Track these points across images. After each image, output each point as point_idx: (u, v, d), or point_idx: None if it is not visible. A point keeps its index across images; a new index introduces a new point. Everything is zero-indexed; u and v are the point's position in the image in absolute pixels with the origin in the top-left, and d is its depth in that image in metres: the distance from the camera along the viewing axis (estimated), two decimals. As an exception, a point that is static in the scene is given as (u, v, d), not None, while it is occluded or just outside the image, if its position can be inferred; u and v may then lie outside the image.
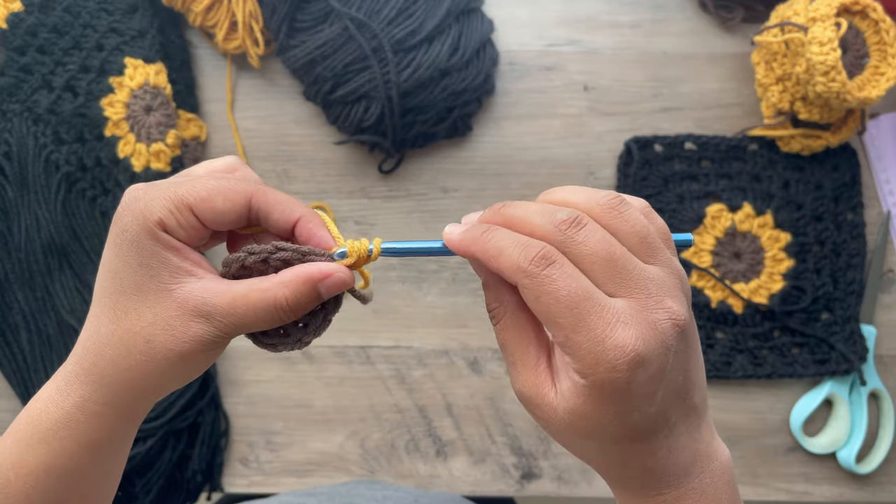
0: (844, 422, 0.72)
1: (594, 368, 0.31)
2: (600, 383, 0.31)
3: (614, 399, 0.31)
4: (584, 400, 0.32)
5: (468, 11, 0.72)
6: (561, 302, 0.31)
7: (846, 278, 0.73)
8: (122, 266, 0.35)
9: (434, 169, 0.75)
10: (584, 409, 0.32)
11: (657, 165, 0.74)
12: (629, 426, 0.32)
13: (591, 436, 0.33)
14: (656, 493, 0.35)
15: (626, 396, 0.31)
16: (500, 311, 0.35)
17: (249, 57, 0.73)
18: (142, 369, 0.35)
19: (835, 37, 0.64)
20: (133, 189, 0.35)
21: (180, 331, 0.34)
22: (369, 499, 0.61)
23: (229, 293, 0.35)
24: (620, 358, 0.30)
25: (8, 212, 0.69)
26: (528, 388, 0.34)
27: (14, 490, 0.36)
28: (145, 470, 0.69)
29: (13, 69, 0.69)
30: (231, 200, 0.35)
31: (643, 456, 0.34)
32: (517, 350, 0.34)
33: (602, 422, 0.32)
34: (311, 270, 0.35)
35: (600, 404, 0.32)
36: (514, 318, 0.35)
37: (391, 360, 0.73)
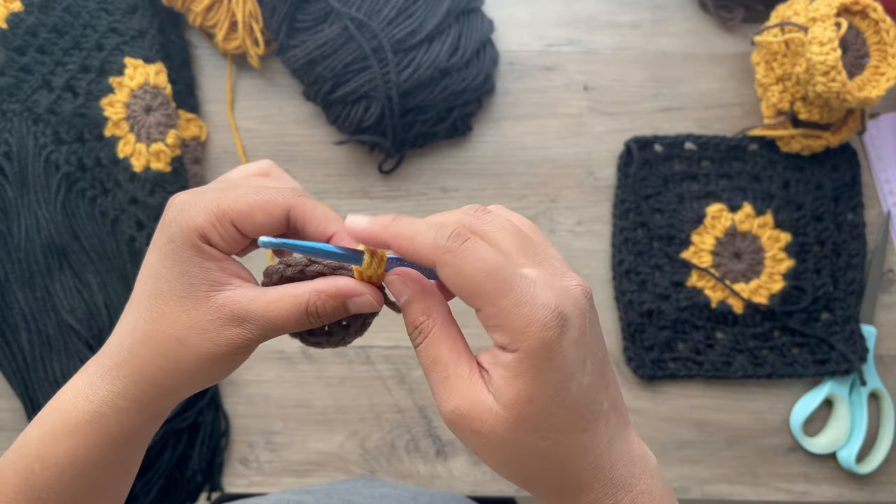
0: (844, 422, 0.72)
1: (525, 331, 0.31)
2: (534, 349, 0.31)
3: (551, 365, 0.31)
4: (523, 379, 0.32)
5: (468, 11, 0.72)
6: (483, 271, 0.31)
7: (846, 278, 0.73)
8: (164, 273, 0.36)
9: (434, 169, 0.75)
10: (525, 392, 0.32)
11: (657, 165, 0.74)
12: (570, 405, 0.32)
13: (538, 427, 0.32)
14: (622, 494, 0.34)
15: (562, 361, 0.32)
16: (429, 323, 0.35)
17: (249, 57, 0.73)
18: (172, 369, 0.36)
19: (835, 37, 0.64)
20: (178, 200, 0.37)
21: (214, 334, 0.36)
22: (367, 496, 0.61)
23: (264, 298, 0.36)
24: (549, 315, 0.31)
25: (8, 212, 0.69)
26: (465, 402, 0.33)
27: (38, 481, 0.37)
28: (145, 470, 0.69)
29: (13, 69, 0.69)
30: (270, 214, 0.37)
31: (592, 448, 0.33)
32: (450, 362, 0.34)
33: (546, 401, 0.32)
34: (342, 286, 0.36)
35: (539, 377, 0.31)
36: (444, 329, 0.35)
37: (391, 360, 0.73)
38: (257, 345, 0.37)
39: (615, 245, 0.74)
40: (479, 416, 0.33)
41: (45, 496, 0.37)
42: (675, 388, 0.73)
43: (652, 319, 0.72)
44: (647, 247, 0.73)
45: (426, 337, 0.35)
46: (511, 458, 0.34)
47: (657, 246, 0.73)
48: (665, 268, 0.73)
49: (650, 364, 0.72)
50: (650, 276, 0.73)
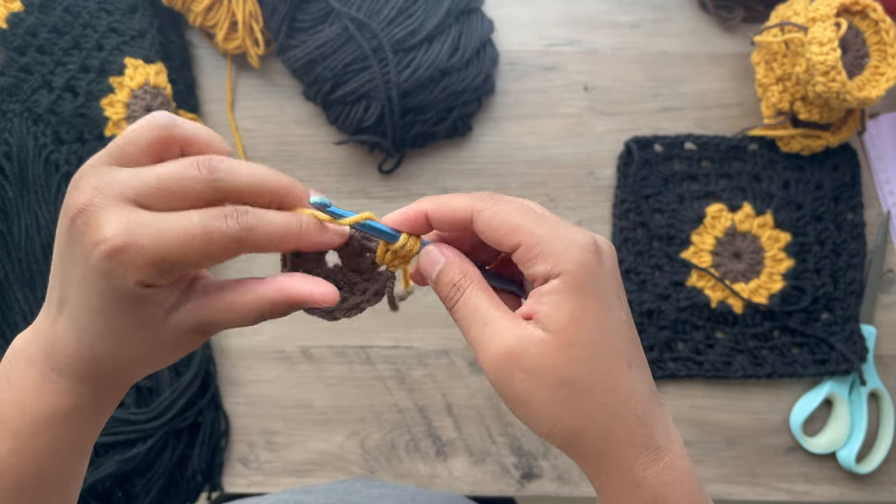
0: (844, 422, 0.72)
1: (568, 253, 0.33)
2: (577, 269, 0.33)
3: (594, 288, 0.33)
4: (571, 300, 0.33)
5: (468, 11, 0.72)
6: (518, 209, 0.34)
7: (846, 278, 0.73)
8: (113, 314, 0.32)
9: (434, 169, 0.75)
10: (575, 312, 0.32)
11: (657, 165, 0.74)
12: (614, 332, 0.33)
13: (588, 352, 0.33)
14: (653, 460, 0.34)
15: (603, 286, 0.33)
16: (466, 280, 0.36)
17: (249, 57, 0.73)
18: (139, 374, 0.36)
19: (835, 37, 0.64)
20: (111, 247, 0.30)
21: (176, 347, 0.34)
22: (366, 496, 0.61)
23: (217, 307, 0.34)
24: (587, 240, 0.34)
25: (8, 212, 0.69)
26: (512, 340, 0.33)
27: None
28: (145, 470, 0.69)
29: (13, 69, 0.69)
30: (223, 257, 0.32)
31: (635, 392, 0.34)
32: (491, 309, 0.35)
33: (593, 324, 0.33)
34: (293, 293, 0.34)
35: (585, 298, 0.33)
36: (480, 283, 0.36)
37: (391, 360, 0.73)
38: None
39: (615, 245, 0.74)
40: (529, 350, 0.33)
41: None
42: (674, 388, 0.73)
43: (652, 319, 0.72)
44: (647, 247, 0.73)
45: (464, 291, 0.36)
46: (563, 399, 0.33)
47: (657, 246, 0.73)
48: (665, 268, 0.73)
49: (650, 364, 0.72)
50: (650, 276, 0.73)
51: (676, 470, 0.35)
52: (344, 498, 0.60)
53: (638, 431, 0.34)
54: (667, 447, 0.35)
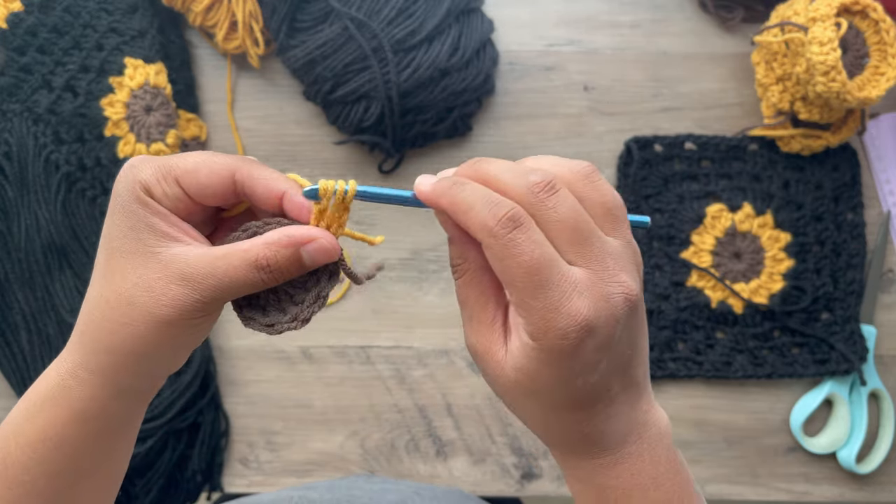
0: (844, 422, 0.72)
1: (545, 334, 0.32)
2: (548, 348, 0.32)
3: (560, 364, 0.32)
4: (531, 361, 0.33)
5: (468, 11, 0.72)
6: (522, 267, 0.31)
7: (846, 278, 0.73)
8: (113, 230, 0.35)
9: (434, 169, 0.75)
10: (529, 369, 0.33)
11: (657, 165, 0.74)
12: (571, 393, 0.34)
13: (533, 397, 0.34)
14: (591, 457, 0.36)
15: (571, 363, 0.32)
16: (464, 267, 0.35)
17: (249, 57, 0.73)
18: (123, 332, 0.35)
19: (835, 37, 0.64)
20: (129, 161, 0.36)
21: (160, 293, 0.34)
22: (368, 491, 0.61)
23: (210, 255, 0.34)
24: (571, 326, 0.31)
25: (8, 212, 0.69)
26: (481, 344, 0.35)
27: (13, 459, 0.36)
28: (145, 470, 0.69)
29: (13, 69, 0.69)
30: (215, 173, 0.35)
31: (581, 423, 0.35)
32: (476, 306, 0.35)
33: (546, 384, 0.33)
34: (293, 233, 0.35)
35: (546, 367, 0.33)
36: (477, 275, 0.35)
37: (391, 360, 0.73)
38: (211, 309, 0.35)
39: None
40: (489, 362, 0.35)
41: (22, 477, 0.36)
42: (675, 388, 0.73)
43: (652, 319, 0.72)
44: (647, 247, 0.73)
45: (460, 277, 0.36)
46: (509, 402, 0.37)
47: (657, 246, 0.73)
48: (665, 268, 0.73)
49: (650, 364, 0.72)
50: (650, 276, 0.73)
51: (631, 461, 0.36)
52: (347, 493, 0.60)
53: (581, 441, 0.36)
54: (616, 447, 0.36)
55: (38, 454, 0.36)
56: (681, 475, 0.37)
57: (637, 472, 0.36)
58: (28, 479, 0.36)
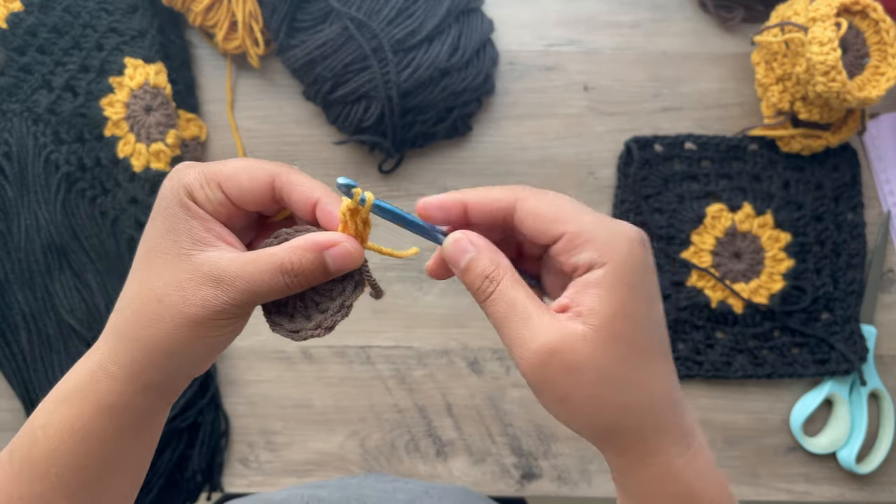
0: (844, 422, 0.72)
1: (615, 241, 0.32)
2: (625, 259, 0.32)
3: (641, 279, 0.33)
4: (617, 292, 0.32)
5: (468, 11, 0.72)
6: (563, 197, 0.34)
7: (846, 278, 0.73)
8: (153, 230, 0.37)
9: (434, 169, 0.75)
10: (620, 305, 0.32)
11: (657, 165, 0.74)
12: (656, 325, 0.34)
13: (632, 347, 0.33)
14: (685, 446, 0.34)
15: (649, 277, 0.33)
16: (500, 271, 0.35)
17: (249, 57, 0.73)
18: (153, 328, 0.36)
19: (835, 37, 0.64)
20: (176, 167, 0.37)
21: (191, 293, 0.35)
22: (379, 490, 0.61)
23: (240, 259, 0.35)
24: (635, 232, 0.33)
25: (8, 212, 0.69)
26: (555, 335, 0.33)
27: (40, 449, 0.37)
28: (145, 470, 0.69)
29: (13, 69, 0.69)
30: (255, 179, 0.36)
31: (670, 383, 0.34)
32: (530, 302, 0.34)
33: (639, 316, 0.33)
34: (317, 237, 0.36)
35: (632, 290, 0.32)
36: (514, 274, 0.35)
37: (391, 360, 0.73)
38: (240, 312, 0.36)
39: (615, 245, 0.74)
40: (573, 346, 0.32)
41: (49, 470, 0.37)
42: (675, 388, 0.73)
43: (652, 319, 0.72)
44: (647, 247, 0.73)
45: (499, 283, 0.35)
46: (602, 395, 0.33)
47: (657, 246, 0.73)
48: (665, 268, 0.73)
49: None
50: (650, 276, 0.73)
51: (704, 457, 0.35)
52: (358, 492, 0.60)
53: (672, 421, 0.34)
54: (694, 434, 0.35)
55: (65, 445, 0.37)
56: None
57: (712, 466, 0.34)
58: (54, 472, 0.37)
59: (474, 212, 0.36)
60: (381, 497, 0.58)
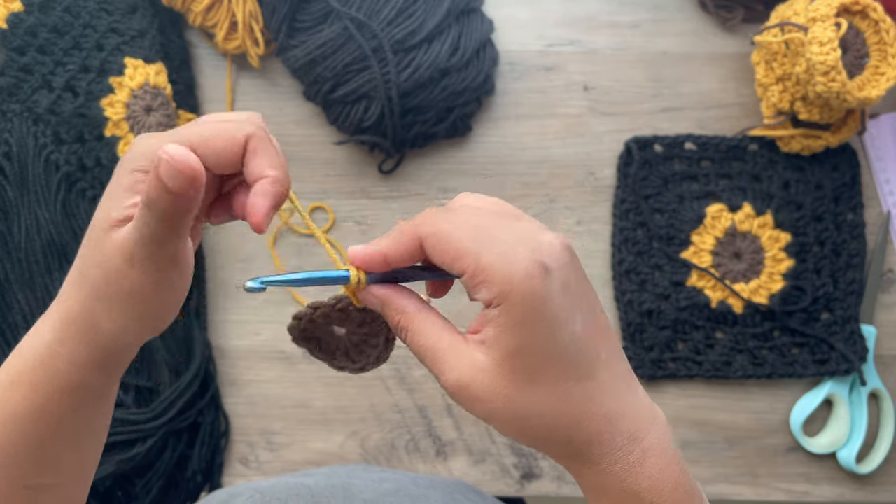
0: (844, 422, 0.72)
1: (510, 282, 0.32)
2: (520, 298, 0.32)
3: (538, 314, 0.32)
4: (513, 330, 0.32)
5: (468, 11, 0.72)
6: (466, 233, 0.33)
7: (846, 278, 0.73)
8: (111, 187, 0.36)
9: (434, 169, 0.75)
10: (516, 342, 0.33)
11: (657, 165, 0.74)
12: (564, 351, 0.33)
13: (535, 378, 0.33)
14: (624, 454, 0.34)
15: (549, 308, 0.32)
16: (405, 318, 0.36)
17: (249, 57, 0.73)
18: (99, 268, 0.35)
19: (835, 37, 0.64)
20: (140, 136, 0.36)
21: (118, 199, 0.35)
22: (366, 479, 0.61)
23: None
24: (530, 265, 0.32)
25: (8, 212, 0.69)
26: (461, 370, 0.34)
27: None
28: (145, 470, 0.69)
29: (13, 69, 0.69)
30: (231, 140, 0.35)
31: (596, 397, 0.34)
32: (437, 341, 0.35)
33: (537, 350, 0.33)
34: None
35: (528, 326, 0.32)
36: (421, 316, 0.36)
37: (391, 360, 0.73)
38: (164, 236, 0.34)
39: (615, 245, 0.74)
40: (477, 380, 0.34)
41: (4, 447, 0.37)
42: (675, 388, 0.73)
43: (652, 319, 0.72)
44: (647, 247, 0.73)
45: (407, 331, 0.36)
46: (519, 420, 0.34)
47: (657, 246, 0.73)
48: (665, 268, 0.73)
49: (650, 364, 0.72)
50: (650, 276, 0.73)
51: (652, 460, 0.34)
52: (345, 481, 0.60)
53: (604, 432, 0.34)
54: (639, 436, 0.35)
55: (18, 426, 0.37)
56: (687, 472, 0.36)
57: (663, 467, 0.34)
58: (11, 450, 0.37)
59: (396, 262, 0.36)
60: (367, 486, 0.58)
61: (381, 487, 0.58)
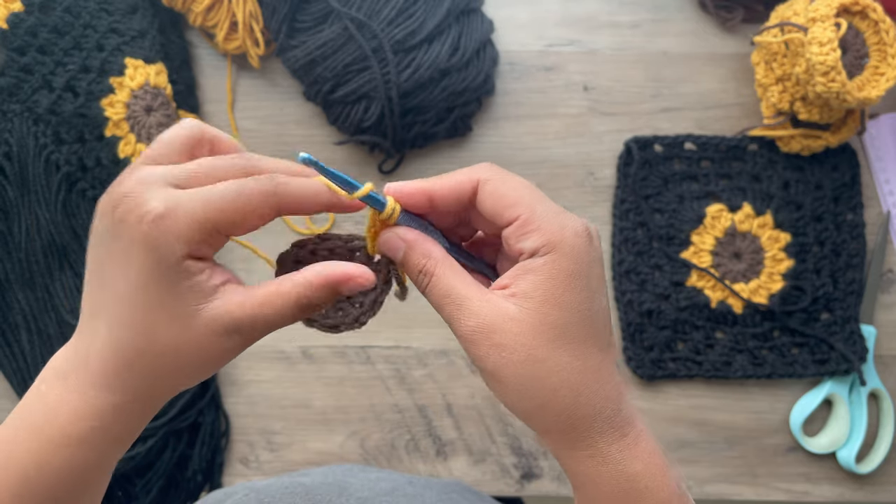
0: (844, 422, 0.72)
1: (563, 234, 0.33)
2: (569, 251, 0.33)
3: (582, 272, 0.33)
4: (554, 282, 0.33)
5: (468, 11, 0.72)
6: (523, 183, 0.35)
7: (846, 278, 0.73)
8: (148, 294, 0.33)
9: (434, 169, 0.75)
10: (555, 294, 0.33)
11: (657, 165, 0.74)
12: (594, 317, 0.34)
13: (563, 334, 0.33)
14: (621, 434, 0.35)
15: (590, 271, 0.34)
16: (431, 262, 0.36)
17: (249, 57, 0.74)
18: (170, 379, 0.35)
19: (835, 37, 0.64)
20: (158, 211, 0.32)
21: (210, 348, 0.34)
22: (362, 479, 0.61)
23: (251, 302, 0.34)
24: (581, 227, 0.34)
25: (8, 212, 0.69)
26: (486, 316, 0.34)
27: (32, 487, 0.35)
28: (145, 470, 0.69)
29: (13, 69, 0.69)
30: (264, 217, 0.34)
31: (604, 372, 0.34)
32: (462, 288, 0.35)
33: (574, 308, 0.33)
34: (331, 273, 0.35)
35: (571, 282, 0.33)
36: (448, 263, 0.36)
37: (391, 360, 0.73)
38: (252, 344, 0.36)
39: (615, 245, 0.74)
40: (503, 326, 0.33)
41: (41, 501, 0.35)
42: (674, 388, 0.73)
43: (652, 319, 0.72)
44: (647, 247, 0.73)
45: (433, 275, 0.35)
46: (530, 375, 0.34)
47: (657, 246, 0.73)
48: (665, 268, 0.73)
49: (650, 364, 0.72)
50: (650, 276, 0.73)
51: (642, 445, 0.35)
52: (341, 480, 0.60)
53: (604, 409, 0.34)
54: (632, 423, 0.35)
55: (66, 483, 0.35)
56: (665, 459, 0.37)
57: (653, 451, 0.35)
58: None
59: (440, 200, 0.36)
60: (363, 485, 0.58)
61: (376, 487, 0.58)
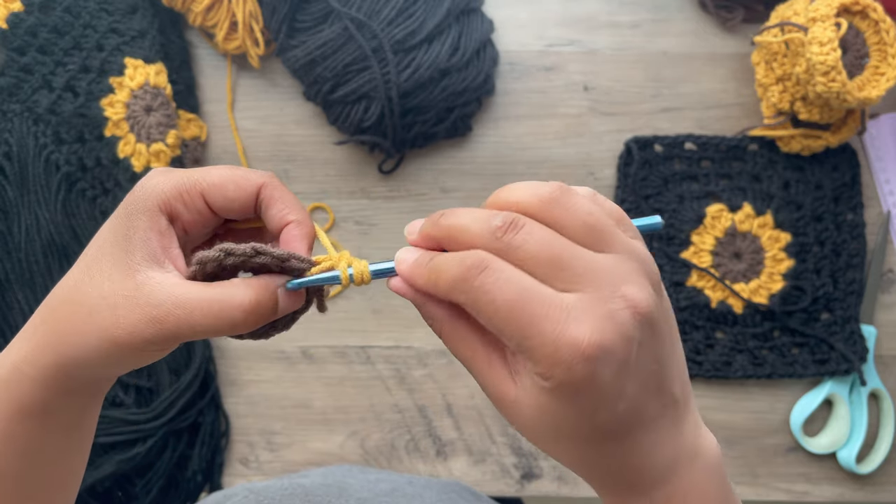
0: (844, 422, 0.72)
1: (552, 370, 0.29)
2: (560, 385, 0.30)
3: (578, 399, 0.30)
4: (547, 398, 0.31)
5: (468, 11, 0.72)
6: (501, 310, 0.30)
7: (846, 278, 0.73)
8: (108, 230, 0.35)
9: (434, 169, 0.75)
10: (547, 407, 0.31)
11: (657, 165, 0.74)
12: (599, 426, 0.31)
13: (560, 435, 0.32)
14: (641, 494, 0.33)
15: (590, 395, 0.30)
16: (437, 325, 0.34)
17: (249, 57, 0.73)
18: (74, 342, 0.34)
19: (835, 37, 0.64)
20: (153, 171, 0.36)
21: (123, 316, 0.33)
22: (361, 480, 0.61)
23: (188, 303, 0.33)
24: (576, 357, 0.29)
25: (8, 212, 0.69)
26: (491, 387, 0.33)
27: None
28: (145, 470, 0.69)
29: (13, 69, 0.70)
30: (242, 188, 0.36)
31: (622, 455, 0.32)
32: (467, 355, 0.34)
33: (570, 421, 0.31)
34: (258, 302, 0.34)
35: (564, 404, 0.30)
36: (452, 327, 0.34)
37: (391, 360, 0.73)
38: (170, 344, 0.34)
39: (615, 245, 0.74)
40: (505, 404, 0.33)
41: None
42: (675, 388, 0.73)
43: (652, 319, 0.72)
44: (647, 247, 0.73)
45: (441, 336, 0.35)
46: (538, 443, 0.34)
47: (657, 246, 0.73)
48: (665, 268, 0.73)
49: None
50: (650, 276, 0.73)
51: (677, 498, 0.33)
52: (340, 481, 0.60)
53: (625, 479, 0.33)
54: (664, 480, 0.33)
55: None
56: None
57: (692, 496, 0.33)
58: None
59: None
60: (362, 485, 0.58)
61: (376, 487, 0.58)
